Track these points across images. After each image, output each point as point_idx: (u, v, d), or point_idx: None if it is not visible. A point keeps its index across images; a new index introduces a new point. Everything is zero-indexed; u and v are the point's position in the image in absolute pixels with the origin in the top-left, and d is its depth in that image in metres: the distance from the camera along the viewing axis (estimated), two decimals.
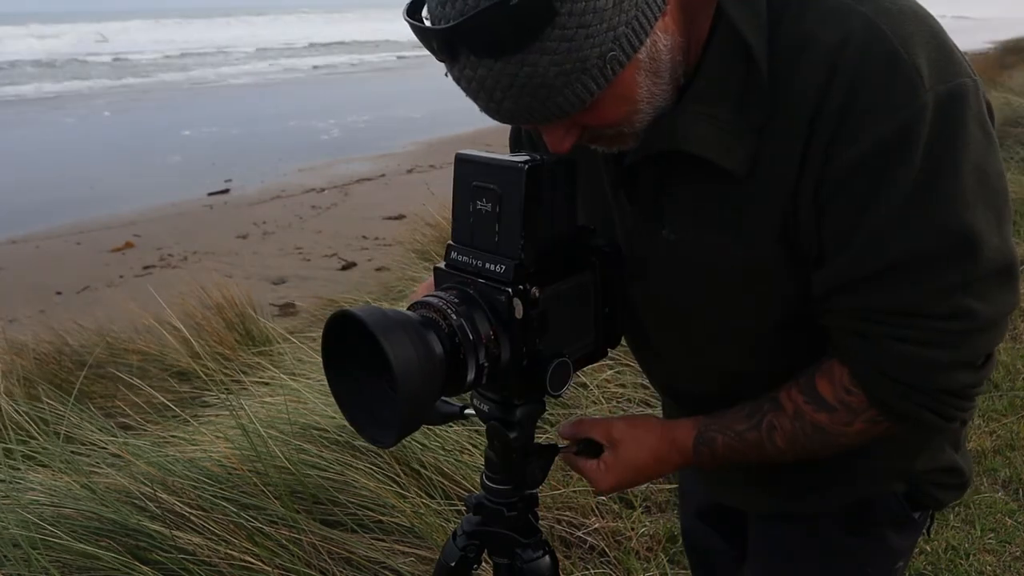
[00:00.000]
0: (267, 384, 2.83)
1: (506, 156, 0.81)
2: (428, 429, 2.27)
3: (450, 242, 0.86)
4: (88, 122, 15.19)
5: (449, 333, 0.77)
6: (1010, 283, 0.78)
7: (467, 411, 0.95)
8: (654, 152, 0.82)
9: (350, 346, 0.74)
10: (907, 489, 1.01)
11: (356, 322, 0.71)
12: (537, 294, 0.80)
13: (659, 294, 0.93)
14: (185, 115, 15.44)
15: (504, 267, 0.79)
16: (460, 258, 0.84)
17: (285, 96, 18.69)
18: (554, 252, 0.82)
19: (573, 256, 0.85)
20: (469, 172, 0.82)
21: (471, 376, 0.78)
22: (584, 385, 2.77)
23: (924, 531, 1.08)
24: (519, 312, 0.79)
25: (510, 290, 0.79)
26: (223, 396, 2.58)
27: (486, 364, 0.79)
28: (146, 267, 7.06)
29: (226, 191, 9.88)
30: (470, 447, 2.28)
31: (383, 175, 10.18)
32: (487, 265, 0.81)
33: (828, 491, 1.01)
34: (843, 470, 0.99)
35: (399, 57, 29.71)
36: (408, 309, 0.80)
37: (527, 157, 0.79)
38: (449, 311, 0.78)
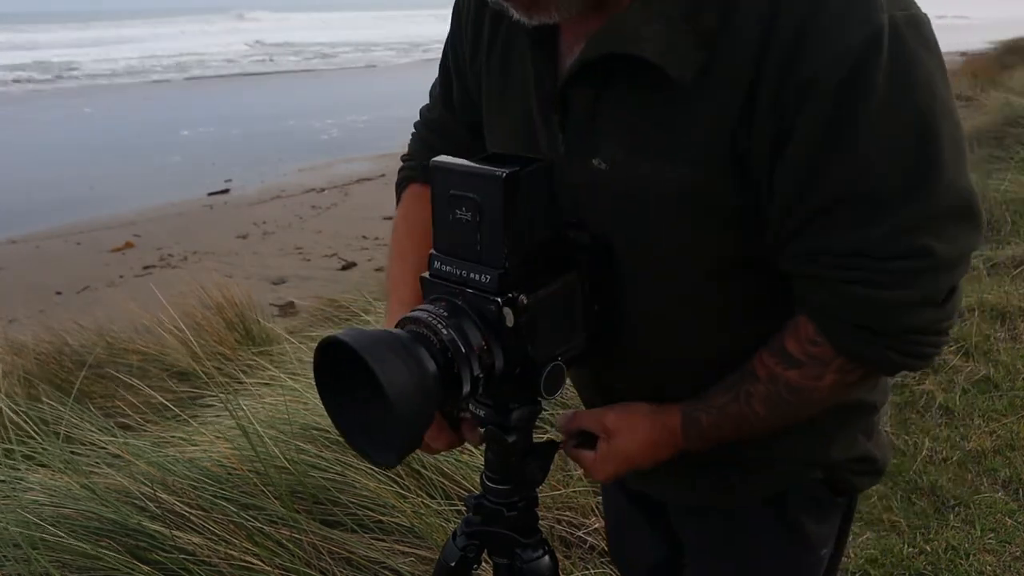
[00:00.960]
0: (267, 384, 2.83)
1: (483, 164, 0.79)
2: None
3: (432, 251, 0.84)
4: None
5: (441, 348, 0.76)
6: (970, 222, 0.75)
7: (467, 414, 0.95)
8: (597, 56, 0.77)
9: (343, 371, 0.73)
10: (824, 476, 1.00)
11: (345, 348, 0.71)
12: (525, 301, 0.79)
13: (594, 234, 0.87)
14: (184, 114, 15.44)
15: (489, 277, 0.78)
16: (444, 268, 0.83)
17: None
18: (538, 256, 0.82)
19: (557, 257, 0.84)
20: (445, 180, 0.81)
21: (467, 388, 0.78)
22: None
23: (851, 516, 1.08)
24: (510, 321, 0.78)
25: (499, 300, 0.78)
26: (223, 396, 2.58)
27: (480, 375, 0.78)
28: (146, 267, 7.06)
29: (226, 191, 9.88)
30: (470, 447, 2.28)
31: (383, 175, 10.18)
32: (472, 275, 0.80)
33: (747, 484, 1.01)
34: (760, 463, 0.98)
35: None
36: (397, 325, 0.79)
37: (505, 167, 0.77)
38: (439, 325, 0.77)
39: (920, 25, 0.73)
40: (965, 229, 0.75)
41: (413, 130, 1.18)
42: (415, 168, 1.12)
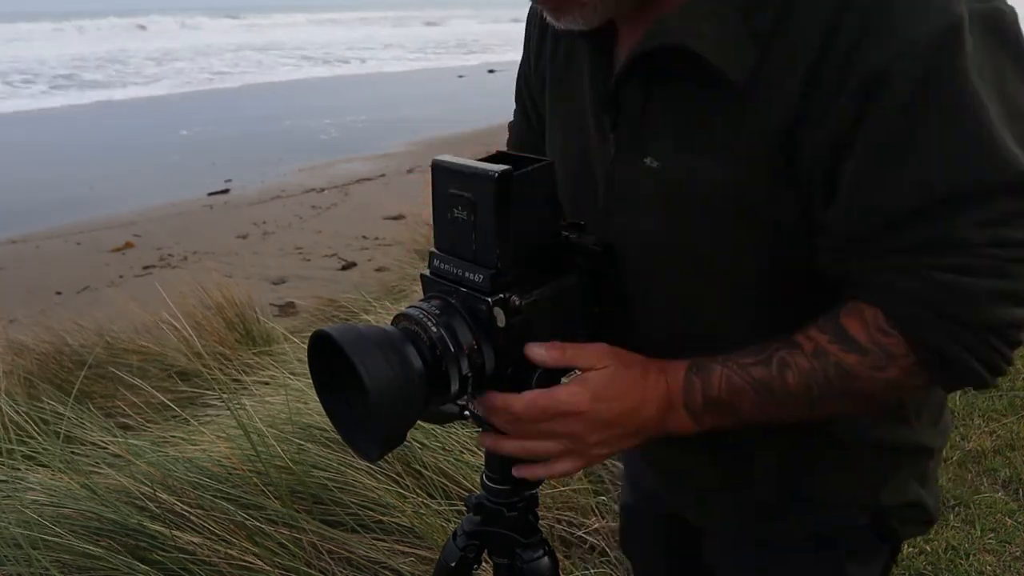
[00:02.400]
0: (267, 384, 2.83)
1: (480, 163, 0.79)
2: (429, 429, 2.27)
3: (432, 249, 0.85)
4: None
5: (430, 345, 0.76)
6: None
7: (467, 412, 0.95)
8: (648, 50, 0.76)
9: (333, 364, 0.74)
10: (870, 522, 0.96)
11: (331, 342, 0.72)
12: (519, 302, 0.79)
13: (639, 231, 0.86)
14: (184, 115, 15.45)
15: (482, 277, 0.78)
16: (442, 266, 0.83)
17: None
18: (535, 257, 0.81)
19: (557, 258, 0.84)
20: (444, 179, 0.81)
21: (455, 387, 0.78)
22: None
23: (892, 562, 1.04)
24: (501, 321, 0.78)
25: (490, 300, 0.78)
26: (223, 396, 2.58)
27: (470, 374, 0.78)
28: (146, 267, 7.06)
29: (226, 191, 9.88)
30: (471, 447, 2.28)
31: (383, 175, 10.19)
32: (467, 274, 0.80)
33: (792, 518, 0.98)
34: (808, 499, 0.96)
35: None
36: (392, 322, 0.80)
37: (502, 165, 0.77)
38: (429, 323, 0.77)
39: (1003, 17, 0.70)
40: None
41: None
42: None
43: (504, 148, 0.99)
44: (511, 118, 1.17)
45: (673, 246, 0.84)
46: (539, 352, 0.80)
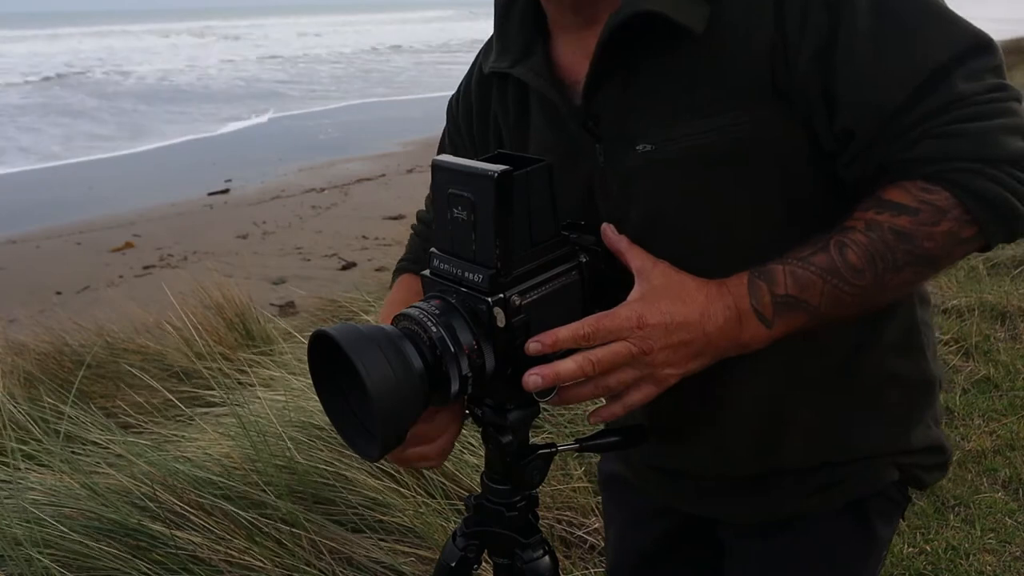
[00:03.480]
0: (268, 384, 2.84)
1: (480, 163, 0.80)
2: None
3: (432, 249, 0.85)
4: None
5: (430, 345, 0.76)
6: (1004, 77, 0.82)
7: (467, 412, 0.95)
8: (621, 21, 0.81)
9: (333, 364, 0.74)
10: (899, 477, 0.99)
11: (331, 342, 0.72)
12: (519, 302, 0.79)
13: (651, 216, 0.87)
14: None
15: (481, 277, 0.78)
16: (442, 266, 0.83)
17: None
18: (535, 257, 0.81)
19: (557, 258, 0.84)
20: (444, 179, 0.81)
21: (455, 387, 0.78)
22: None
23: (901, 516, 1.07)
24: (501, 321, 0.78)
25: (490, 300, 0.78)
26: (223, 396, 2.58)
27: (470, 374, 0.78)
28: (146, 267, 7.07)
29: (226, 191, 9.89)
30: (471, 447, 2.28)
31: (383, 175, 10.19)
32: (466, 274, 0.80)
33: (831, 488, 0.98)
34: (847, 462, 0.97)
35: None
36: (392, 322, 0.80)
37: (502, 165, 0.77)
38: (429, 323, 0.77)
39: None
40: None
41: (411, 231, 1.22)
42: (410, 261, 1.16)
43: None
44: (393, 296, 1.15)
45: (692, 218, 0.85)
46: (534, 345, 0.78)
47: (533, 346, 0.77)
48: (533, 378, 0.76)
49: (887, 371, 0.95)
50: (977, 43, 0.78)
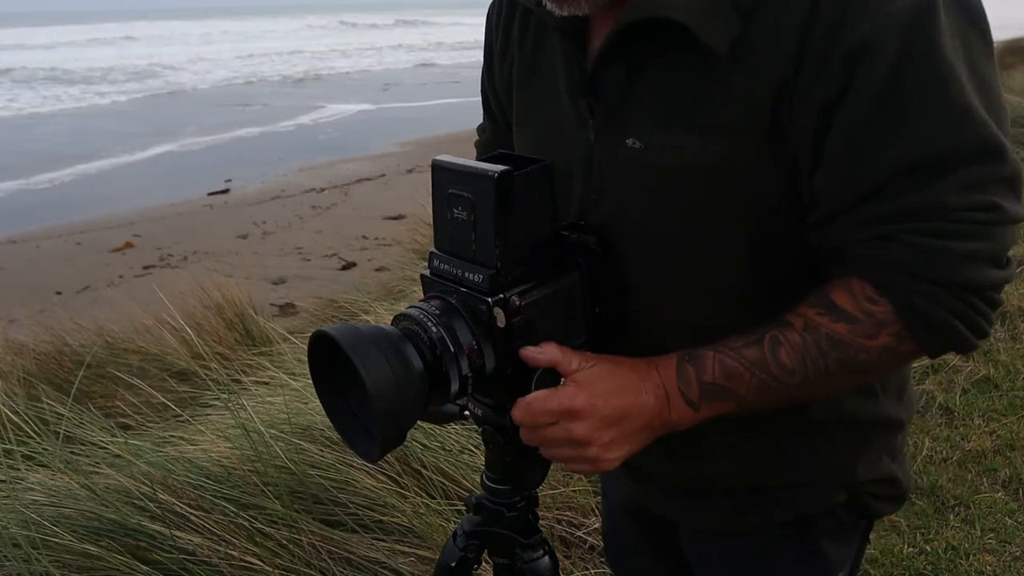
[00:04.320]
0: (267, 384, 2.83)
1: (480, 163, 0.79)
2: (429, 429, 2.27)
3: (432, 249, 0.85)
4: None
5: (430, 345, 0.76)
6: (1019, 194, 0.75)
7: (467, 412, 0.95)
8: (633, 21, 0.77)
9: (333, 364, 0.74)
10: (847, 500, 0.97)
11: (331, 342, 0.72)
12: (519, 302, 0.79)
13: (625, 216, 0.85)
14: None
15: (481, 277, 0.78)
16: (442, 266, 0.83)
17: None
18: (535, 257, 0.81)
19: (557, 258, 0.84)
20: (444, 179, 0.81)
21: (455, 387, 0.78)
22: None
23: (866, 539, 1.05)
24: (501, 321, 0.78)
25: (490, 300, 0.78)
26: (223, 396, 2.58)
27: (470, 375, 0.78)
28: (146, 267, 7.07)
29: (226, 191, 9.89)
30: (471, 447, 2.28)
31: (383, 175, 10.19)
32: (467, 274, 0.80)
33: (771, 506, 0.97)
34: (786, 484, 0.96)
35: None
36: (392, 322, 0.80)
37: (502, 165, 0.77)
38: (429, 323, 0.77)
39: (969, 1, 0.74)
40: (1017, 199, 0.75)
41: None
42: None
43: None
44: None
45: (658, 227, 0.84)
46: (532, 353, 0.79)
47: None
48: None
49: (837, 411, 0.92)
50: (987, 147, 0.71)
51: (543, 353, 0.79)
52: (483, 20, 1.08)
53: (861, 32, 0.70)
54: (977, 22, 0.74)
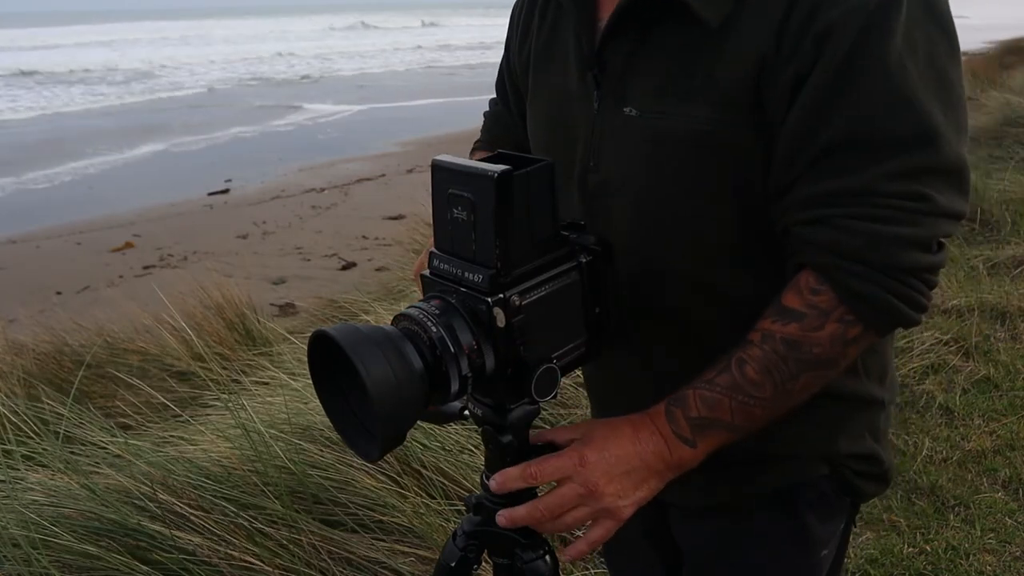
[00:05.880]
0: (267, 384, 2.84)
1: (480, 163, 0.80)
2: (429, 429, 2.27)
3: (432, 249, 0.85)
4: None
5: (430, 345, 0.76)
6: (961, 189, 0.79)
7: (467, 412, 0.95)
8: (632, 1, 0.83)
9: (333, 364, 0.74)
10: (830, 472, 1.00)
11: (331, 342, 0.72)
12: (519, 302, 0.79)
13: (616, 180, 0.91)
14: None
15: (481, 277, 0.78)
16: (442, 266, 0.83)
17: None
18: (535, 257, 0.81)
19: (557, 258, 0.84)
20: (444, 179, 0.81)
21: (455, 387, 0.78)
22: (583, 385, 2.77)
23: (852, 522, 1.08)
24: (501, 321, 0.78)
25: (490, 300, 0.78)
26: (223, 396, 2.58)
27: (470, 375, 0.78)
28: (146, 267, 7.07)
29: (226, 191, 9.89)
30: (471, 447, 2.28)
31: (383, 175, 10.19)
32: (467, 274, 0.80)
33: (755, 480, 0.99)
34: (767, 457, 0.97)
35: None
36: (392, 321, 0.80)
37: (502, 165, 0.77)
38: (429, 323, 0.77)
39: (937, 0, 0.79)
40: (957, 193, 0.79)
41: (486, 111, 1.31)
42: (484, 142, 1.27)
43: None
44: None
45: (652, 190, 0.89)
46: (492, 484, 0.87)
47: (491, 484, 0.86)
48: (499, 518, 0.86)
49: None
50: (923, 137, 0.75)
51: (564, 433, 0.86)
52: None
53: (831, 16, 0.76)
54: (942, 23, 0.79)
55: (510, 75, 1.17)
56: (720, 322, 0.91)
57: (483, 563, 0.98)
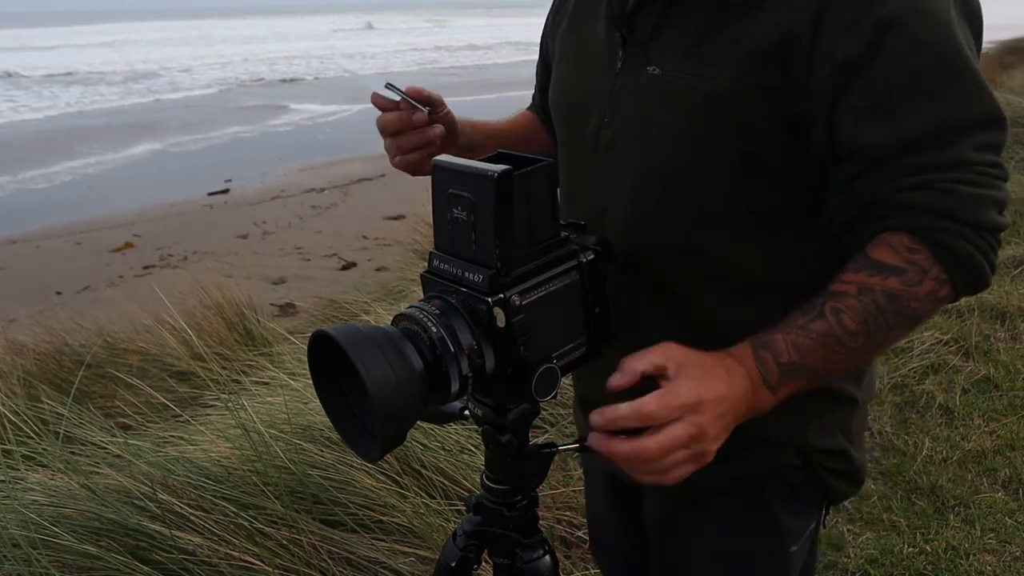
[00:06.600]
0: (267, 384, 2.84)
1: (480, 163, 0.80)
2: (428, 429, 2.27)
3: (432, 249, 0.85)
4: None
5: (430, 345, 0.76)
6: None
7: (467, 411, 0.95)
8: None
9: (333, 364, 0.74)
10: (802, 464, 1.00)
11: (331, 342, 0.72)
12: (519, 302, 0.79)
13: (628, 134, 0.95)
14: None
15: (481, 277, 0.79)
16: (442, 266, 0.83)
17: None
18: (535, 257, 0.82)
19: (558, 258, 0.84)
20: (444, 179, 0.81)
21: (455, 387, 0.78)
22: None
23: (821, 523, 1.07)
24: (501, 321, 0.78)
25: (490, 300, 0.78)
26: (223, 396, 2.58)
27: (470, 375, 0.78)
28: (146, 267, 7.07)
29: (226, 191, 9.89)
30: (470, 447, 2.28)
31: (383, 175, 10.18)
32: (466, 274, 0.80)
33: (724, 465, 0.94)
34: (737, 443, 0.93)
35: None
36: (392, 321, 0.80)
37: (502, 165, 0.78)
38: (429, 323, 0.77)
39: None
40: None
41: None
42: (537, 105, 1.32)
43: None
44: (511, 116, 1.33)
45: (660, 147, 0.92)
46: (617, 379, 0.80)
47: (594, 419, 0.79)
48: (597, 416, 0.79)
49: None
50: (993, 118, 0.84)
51: (646, 358, 0.80)
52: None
53: (891, 7, 0.81)
54: (973, 20, 0.87)
55: (551, 37, 1.19)
56: (721, 305, 0.93)
57: (483, 563, 0.99)
